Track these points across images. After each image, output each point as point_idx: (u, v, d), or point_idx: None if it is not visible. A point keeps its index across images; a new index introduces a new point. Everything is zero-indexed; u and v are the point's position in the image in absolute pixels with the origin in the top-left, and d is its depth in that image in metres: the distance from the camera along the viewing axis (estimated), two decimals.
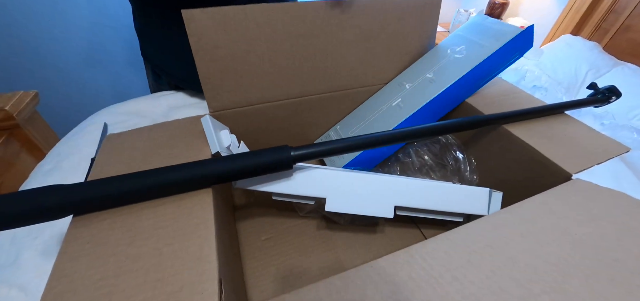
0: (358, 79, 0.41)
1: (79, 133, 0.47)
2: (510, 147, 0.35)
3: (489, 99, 0.42)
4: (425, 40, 0.43)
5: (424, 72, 0.41)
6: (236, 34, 0.31)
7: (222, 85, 0.33)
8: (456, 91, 0.39)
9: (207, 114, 0.31)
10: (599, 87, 0.48)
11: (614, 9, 1.18)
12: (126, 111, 0.50)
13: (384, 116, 0.40)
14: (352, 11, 0.35)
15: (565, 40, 1.12)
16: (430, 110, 0.39)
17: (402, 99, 0.40)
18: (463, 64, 0.38)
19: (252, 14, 0.31)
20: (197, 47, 0.31)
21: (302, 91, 0.38)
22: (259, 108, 0.37)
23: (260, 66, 0.34)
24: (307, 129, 0.43)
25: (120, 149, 0.30)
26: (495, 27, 0.40)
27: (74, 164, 0.42)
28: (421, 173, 0.43)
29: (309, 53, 0.36)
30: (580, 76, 0.94)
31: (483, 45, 0.39)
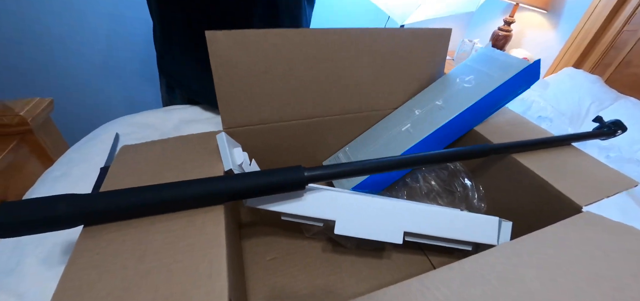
0: (369, 102, 0.42)
1: (90, 141, 0.48)
2: (519, 176, 0.36)
3: (497, 128, 0.42)
4: (435, 68, 0.44)
5: (433, 100, 0.42)
6: (255, 56, 0.32)
7: (238, 103, 0.34)
8: (465, 119, 0.39)
9: (222, 131, 0.31)
10: (605, 121, 0.49)
11: (615, 45, 1.21)
12: (138, 122, 0.51)
13: (394, 140, 0.41)
14: (367, 39, 0.37)
15: (568, 72, 1.14)
16: (439, 137, 0.39)
17: (411, 125, 0.41)
18: (472, 94, 0.39)
19: (272, 38, 0.32)
20: (216, 66, 0.32)
21: (314, 112, 0.39)
22: (272, 127, 0.38)
23: (275, 86, 0.35)
24: (317, 149, 0.43)
25: (134, 161, 0.30)
26: (503, 59, 0.41)
27: (84, 173, 0.43)
28: (428, 198, 0.43)
29: (323, 76, 0.37)
30: (584, 107, 0.95)
31: (491, 76, 0.39)
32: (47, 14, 1.04)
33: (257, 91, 0.34)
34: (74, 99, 1.23)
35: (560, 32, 1.38)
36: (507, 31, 1.45)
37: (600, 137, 0.46)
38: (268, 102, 0.36)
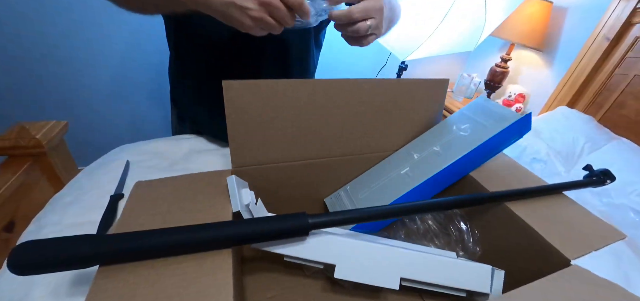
0: (370, 145, 0.44)
1: (101, 167, 0.50)
2: (512, 224, 0.37)
3: (491, 173, 0.44)
4: (433, 114, 0.47)
5: (431, 145, 0.44)
6: (266, 104, 0.35)
7: (248, 145, 0.36)
8: (461, 165, 0.42)
9: (232, 174, 0.34)
10: (594, 170, 0.51)
11: (607, 86, 1.26)
12: (148, 150, 0.53)
13: (393, 182, 0.43)
14: (371, 88, 0.40)
15: (562, 112, 1.18)
16: (436, 181, 0.41)
17: (410, 168, 0.43)
18: (468, 142, 0.42)
19: (282, 88, 0.35)
20: (230, 111, 0.34)
21: (318, 153, 0.41)
22: (278, 166, 0.40)
23: (283, 130, 0.37)
24: (320, 186, 0.45)
25: (147, 198, 0.32)
26: (497, 110, 0.43)
27: (94, 200, 0.44)
28: (425, 238, 0.44)
29: (328, 122, 0.39)
30: (578, 147, 0.98)
31: (486, 127, 0.42)
32: (66, 37, 1.09)
33: (266, 134, 0.37)
34: (85, 117, 1.27)
35: (555, 70, 1.44)
36: (504, 68, 1.51)
37: (590, 186, 0.48)
38: (276, 144, 0.38)
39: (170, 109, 0.63)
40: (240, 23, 0.35)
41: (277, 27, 0.37)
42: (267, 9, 0.34)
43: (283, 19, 0.36)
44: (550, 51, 1.45)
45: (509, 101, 1.56)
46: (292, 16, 0.37)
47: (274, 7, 0.34)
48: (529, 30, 1.36)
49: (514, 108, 1.53)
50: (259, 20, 0.35)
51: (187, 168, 0.51)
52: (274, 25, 0.36)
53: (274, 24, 0.36)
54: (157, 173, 0.49)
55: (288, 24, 0.37)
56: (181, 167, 0.51)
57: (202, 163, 0.52)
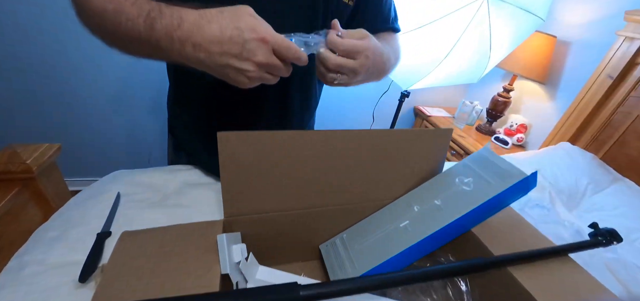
0: (368, 194, 0.43)
1: (90, 199, 0.48)
2: (514, 290, 0.36)
3: (494, 230, 0.43)
4: (435, 164, 0.45)
5: (432, 198, 0.43)
6: (263, 154, 0.34)
7: (241, 195, 0.35)
8: (463, 222, 0.40)
9: (223, 223, 0.32)
10: (601, 229, 0.49)
11: (610, 123, 1.25)
12: (141, 182, 0.52)
13: (392, 236, 0.41)
14: (371, 138, 0.38)
15: (565, 148, 1.17)
16: (437, 238, 0.40)
17: (410, 222, 0.41)
18: (470, 199, 0.40)
19: (281, 139, 0.34)
20: (225, 163, 0.33)
21: (314, 203, 0.40)
22: (272, 216, 0.38)
23: (279, 181, 0.36)
24: (314, 234, 0.44)
25: (133, 254, 0.30)
26: (502, 166, 0.42)
27: (81, 237, 0.42)
28: (425, 294, 0.42)
29: (326, 172, 0.38)
30: (581, 187, 0.96)
31: (490, 183, 0.41)
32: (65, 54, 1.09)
33: (261, 186, 0.35)
34: (84, 135, 1.26)
35: (558, 103, 1.44)
36: (506, 98, 1.51)
37: (596, 247, 0.46)
38: (270, 194, 0.36)
39: (168, 137, 0.61)
40: (237, 83, 0.35)
41: (274, 80, 0.37)
42: (265, 69, 0.34)
43: (281, 73, 0.36)
44: (553, 84, 1.46)
45: (510, 131, 1.55)
46: (288, 68, 0.36)
47: (273, 66, 0.34)
48: (532, 62, 1.36)
49: (515, 138, 1.53)
50: (258, 80, 0.35)
51: (179, 204, 0.49)
52: (271, 79, 0.36)
53: (271, 78, 0.36)
54: (148, 208, 0.47)
55: (286, 75, 0.37)
56: (173, 202, 0.49)
57: (195, 198, 0.50)
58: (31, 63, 1.08)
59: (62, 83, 1.14)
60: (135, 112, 1.29)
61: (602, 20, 1.27)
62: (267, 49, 0.33)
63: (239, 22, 0.32)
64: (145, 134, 1.35)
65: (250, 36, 0.32)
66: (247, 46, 0.32)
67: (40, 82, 1.12)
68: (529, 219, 0.74)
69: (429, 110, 1.78)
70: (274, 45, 0.33)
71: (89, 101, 1.20)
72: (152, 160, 1.41)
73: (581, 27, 1.35)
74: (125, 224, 0.44)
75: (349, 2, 0.48)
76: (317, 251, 0.46)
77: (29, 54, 1.06)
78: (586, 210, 0.91)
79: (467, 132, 1.59)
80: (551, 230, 0.64)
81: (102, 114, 1.24)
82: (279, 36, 0.33)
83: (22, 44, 1.03)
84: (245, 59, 0.32)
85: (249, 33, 0.31)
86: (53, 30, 1.04)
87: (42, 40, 1.04)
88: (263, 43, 0.32)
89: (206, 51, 0.32)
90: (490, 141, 1.54)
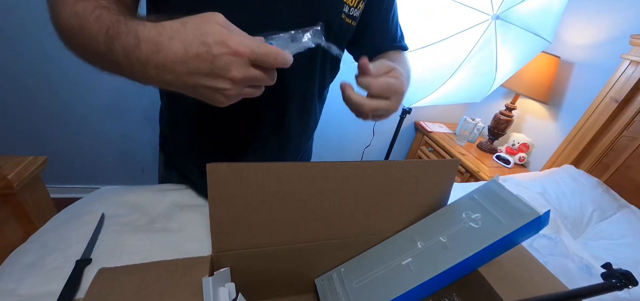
0: (369, 227, 0.40)
1: (72, 220, 0.45)
2: None
3: (502, 271, 0.40)
4: (440, 197, 0.43)
5: (437, 234, 0.40)
6: (255, 188, 0.31)
7: (231, 230, 0.32)
8: (470, 262, 0.37)
9: (210, 271, 0.29)
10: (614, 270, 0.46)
11: (614, 147, 1.23)
12: (128, 202, 0.49)
13: (393, 274, 0.38)
14: (372, 171, 0.36)
15: (569, 172, 1.15)
16: (441, 279, 0.37)
17: (412, 260, 0.38)
18: (479, 237, 0.37)
19: (275, 171, 0.31)
20: (214, 195, 0.30)
21: (310, 237, 0.37)
22: (265, 251, 0.35)
23: (272, 215, 0.33)
24: (310, 269, 0.41)
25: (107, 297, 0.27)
26: (513, 202, 0.39)
27: (58, 264, 0.39)
28: None
29: (323, 205, 0.35)
30: (586, 214, 0.93)
31: (500, 222, 0.38)
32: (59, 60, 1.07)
33: (253, 220, 0.33)
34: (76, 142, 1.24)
35: (561, 124, 1.42)
36: (508, 116, 1.49)
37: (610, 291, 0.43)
38: (263, 228, 0.34)
39: (159, 155, 0.59)
40: (214, 102, 0.30)
41: (257, 92, 0.32)
42: (244, 84, 0.29)
43: (264, 82, 0.31)
44: (556, 104, 1.44)
45: (512, 150, 1.53)
46: (272, 74, 0.31)
47: (252, 78, 0.29)
48: (535, 82, 1.35)
49: (517, 157, 1.50)
50: (236, 97, 0.30)
51: (167, 228, 0.46)
52: (254, 92, 0.31)
53: (254, 92, 0.31)
54: (133, 232, 0.44)
55: (270, 83, 0.32)
56: (160, 225, 0.46)
57: (184, 223, 0.47)
58: (25, 70, 1.05)
59: (56, 90, 1.12)
60: (130, 120, 1.26)
61: (606, 42, 1.26)
62: (243, 62, 0.28)
63: (206, 35, 0.26)
64: (139, 144, 1.32)
65: (220, 51, 0.26)
66: (217, 63, 0.27)
67: (33, 89, 1.10)
68: (535, 251, 0.71)
69: (430, 126, 1.77)
70: (251, 56, 0.28)
71: (84, 108, 1.18)
72: (145, 170, 1.37)
73: (585, 48, 1.34)
74: (108, 250, 0.41)
75: (351, 23, 0.46)
76: (312, 285, 0.43)
77: (21, 60, 1.04)
78: (592, 238, 0.88)
79: (468, 150, 1.57)
80: (559, 264, 0.61)
81: (96, 121, 1.22)
82: (254, 44, 0.28)
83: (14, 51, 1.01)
84: (218, 77, 0.27)
85: (218, 47, 0.26)
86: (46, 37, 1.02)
87: (35, 46, 1.02)
88: (236, 56, 0.27)
89: (172, 72, 0.27)
90: (492, 158, 1.52)
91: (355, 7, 0.45)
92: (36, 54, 1.04)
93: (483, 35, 0.82)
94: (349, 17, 0.45)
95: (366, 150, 1.80)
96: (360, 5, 0.45)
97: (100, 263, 0.39)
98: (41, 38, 1.02)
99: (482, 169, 1.39)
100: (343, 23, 0.45)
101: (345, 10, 0.44)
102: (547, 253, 0.64)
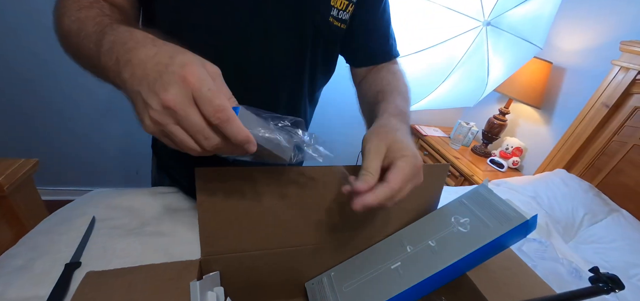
0: (359, 231, 0.41)
1: (63, 223, 0.45)
2: None
3: (491, 275, 0.41)
4: (430, 201, 0.43)
5: (426, 238, 0.40)
6: (244, 191, 0.31)
7: (220, 233, 0.32)
8: (458, 266, 0.37)
9: (198, 274, 0.29)
10: (602, 274, 0.47)
11: (605, 151, 1.25)
12: (119, 205, 0.49)
13: (382, 278, 0.38)
14: None
15: (561, 176, 1.16)
16: (430, 283, 0.37)
17: (401, 264, 0.39)
18: (467, 242, 0.38)
19: (263, 175, 0.31)
20: (202, 199, 0.30)
21: (300, 241, 0.37)
22: (254, 254, 0.35)
23: (261, 219, 0.33)
24: (300, 273, 0.41)
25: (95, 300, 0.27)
26: (501, 207, 0.40)
27: (47, 267, 0.39)
28: None
29: (314, 210, 0.35)
30: (578, 218, 0.94)
31: (488, 226, 0.38)
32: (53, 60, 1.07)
33: (242, 224, 0.33)
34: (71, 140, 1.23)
35: (553, 128, 1.44)
36: (502, 120, 1.51)
37: (597, 295, 0.44)
38: (252, 233, 0.34)
39: (152, 157, 0.59)
40: (141, 119, 0.25)
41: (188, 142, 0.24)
42: (173, 117, 0.23)
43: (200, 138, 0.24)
44: (548, 109, 1.46)
45: (506, 154, 1.54)
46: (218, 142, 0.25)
47: (185, 118, 0.23)
48: (528, 87, 1.36)
49: (511, 161, 1.52)
50: (157, 128, 0.24)
51: (158, 231, 0.46)
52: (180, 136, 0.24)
53: (181, 136, 0.24)
54: (124, 236, 0.44)
55: (210, 147, 0.25)
56: (151, 229, 0.46)
57: (174, 226, 0.47)
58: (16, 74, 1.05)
59: (48, 92, 1.11)
60: (123, 122, 1.26)
61: (597, 48, 1.28)
62: (184, 92, 0.22)
63: (178, 53, 0.24)
64: (133, 145, 1.32)
65: (173, 69, 0.23)
66: (163, 78, 0.23)
67: (24, 91, 1.09)
68: (525, 255, 0.72)
69: (425, 129, 1.78)
70: (195, 90, 0.22)
71: (76, 109, 1.17)
72: (140, 172, 1.37)
73: (576, 54, 1.36)
74: (98, 254, 0.41)
75: (341, 26, 0.46)
76: (302, 288, 0.43)
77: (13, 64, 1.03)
78: (583, 241, 0.89)
79: (463, 154, 1.58)
80: (549, 267, 0.61)
81: (89, 123, 1.21)
82: (210, 83, 0.23)
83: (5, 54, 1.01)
84: (153, 92, 0.23)
85: (176, 66, 0.23)
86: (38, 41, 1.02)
87: (26, 50, 1.02)
88: (181, 81, 0.22)
89: (130, 71, 0.24)
90: (486, 162, 1.53)
91: (344, 10, 0.45)
92: (28, 58, 1.04)
93: (475, 41, 0.83)
94: (338, 20, 0.45)
95: (360, 154, 1.81)
96: (350, 8, 0.45)
97: (89, 266, 0.39)
98: (33, 42, 1.01)
99: (476, 173, 1.41)
100: (332, 26, 0.45)
101: (334, 14, 0.44)
102: (537, 257, 0.65)
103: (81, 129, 1.22)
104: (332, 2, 0.43)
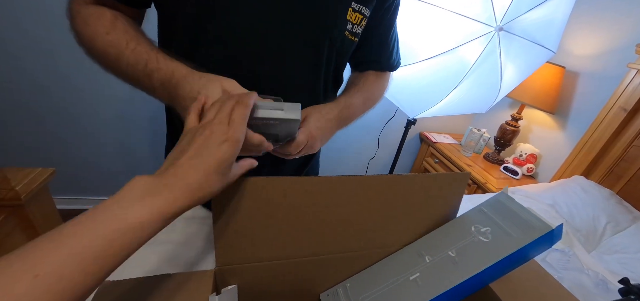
0: (376, 241, 0.39)
1: None
2: None
3: (514, 287, 0.39)
4: (449, 210, 0.42)
5: (446, 248, 0.39)
6: (260, 202, 0.31)
7: (235, 244, 0.32)
8: (481, 278, 0.36)
9: (213, 285, 0.29)
10: (632, 285, 0.45)
11: (625, 157, 1.20)
12: None
13: (400, 289, 0.37)
14: (379, 186, 0.35)
15: (580, 183, 1.12)
16: (451, 294, 0.35)
17: (420, 275, 0.37)
18: (489, 252, 0.36)
19: (280, 185, 0.31)
20: (217, 208, 0.30)
21: (316, 251, 0.36)
22: (269, 265, 0.35)
23: (277, 229, 0.33)
24: (315, 284, 0.40)
25: None
26: (523, 216, 0.38)
27: None
28: None
29: (330, 220, 0.35)
30: (600, 226, 0.90)
31: (510, 235, 0.37)
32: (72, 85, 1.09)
33: (258, 234, 0.32)
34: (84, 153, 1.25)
35: (568, 134, 1.40)
36: (514, 126, 1.48)
37: None
38: (267, 243, 0.33)
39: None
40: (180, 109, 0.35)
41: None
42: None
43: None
44: (563, 114, 1.42)
45: (519, 161, 1.50)
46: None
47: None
48: (541, 92, 1.33)
49: (525, 168, 1.48)
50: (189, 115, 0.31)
51: (170, 240, 0.46)
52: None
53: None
54: None
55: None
56: (164, 237, 0.46)
57: (187, 234, 0.47)
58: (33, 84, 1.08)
59: (63, 102, 1.13)
60: (137, 131, 1.28)
61: (612, 52, 1.25)
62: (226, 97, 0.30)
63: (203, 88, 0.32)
64: (146, 154, 1.33)
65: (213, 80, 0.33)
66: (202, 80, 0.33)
67: (40, 102, 1.11)
68: (548, 266, 0.69)
69: (435, 136, 1.75)
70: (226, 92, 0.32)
71: (90, 119, 1.19)
72: None
73: (590, 58, 1.33)
74: None
75: (354, 40, 0.47)
76: (318, 300, 0.42)
77: (29, 75, 1.06)
78: (606, 251, 0.85)
79: (475, 161, 1.55)
80: (573, 278, 0.58)
81: (103, 133, 1.23)
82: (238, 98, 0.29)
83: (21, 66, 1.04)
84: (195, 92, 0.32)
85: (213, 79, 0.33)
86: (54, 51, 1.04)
87: (42, 61, 1.05)
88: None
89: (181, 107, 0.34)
90: (499, 169, 1.49)
91: (358, 24, 0.45)
92: (43, 69, 1.06)
93: (487, 46, 0.82)
94: (351, 34, 0.46)
95: (371, 162, 1.79)
96: (363, 22, 0.46)
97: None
98: (49, 53, 1.04)
99: (489, 180, 1.37)
100: (346, 40, 0.46)
101: (349, 28, 0.45)
102: (560, 268, 0.62)
103: (97, 137, 1.24)
104: (348, 17, 0.44)
